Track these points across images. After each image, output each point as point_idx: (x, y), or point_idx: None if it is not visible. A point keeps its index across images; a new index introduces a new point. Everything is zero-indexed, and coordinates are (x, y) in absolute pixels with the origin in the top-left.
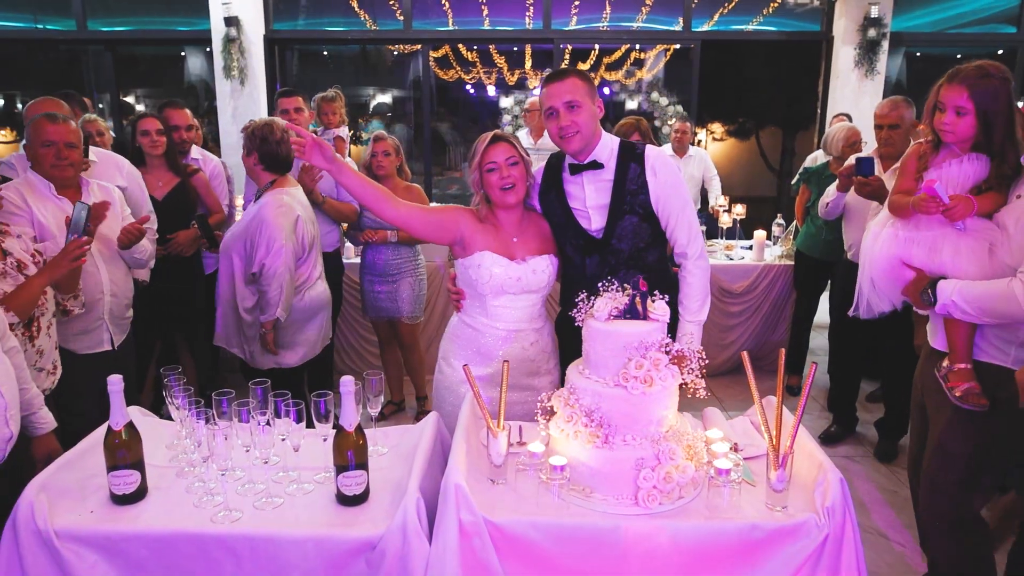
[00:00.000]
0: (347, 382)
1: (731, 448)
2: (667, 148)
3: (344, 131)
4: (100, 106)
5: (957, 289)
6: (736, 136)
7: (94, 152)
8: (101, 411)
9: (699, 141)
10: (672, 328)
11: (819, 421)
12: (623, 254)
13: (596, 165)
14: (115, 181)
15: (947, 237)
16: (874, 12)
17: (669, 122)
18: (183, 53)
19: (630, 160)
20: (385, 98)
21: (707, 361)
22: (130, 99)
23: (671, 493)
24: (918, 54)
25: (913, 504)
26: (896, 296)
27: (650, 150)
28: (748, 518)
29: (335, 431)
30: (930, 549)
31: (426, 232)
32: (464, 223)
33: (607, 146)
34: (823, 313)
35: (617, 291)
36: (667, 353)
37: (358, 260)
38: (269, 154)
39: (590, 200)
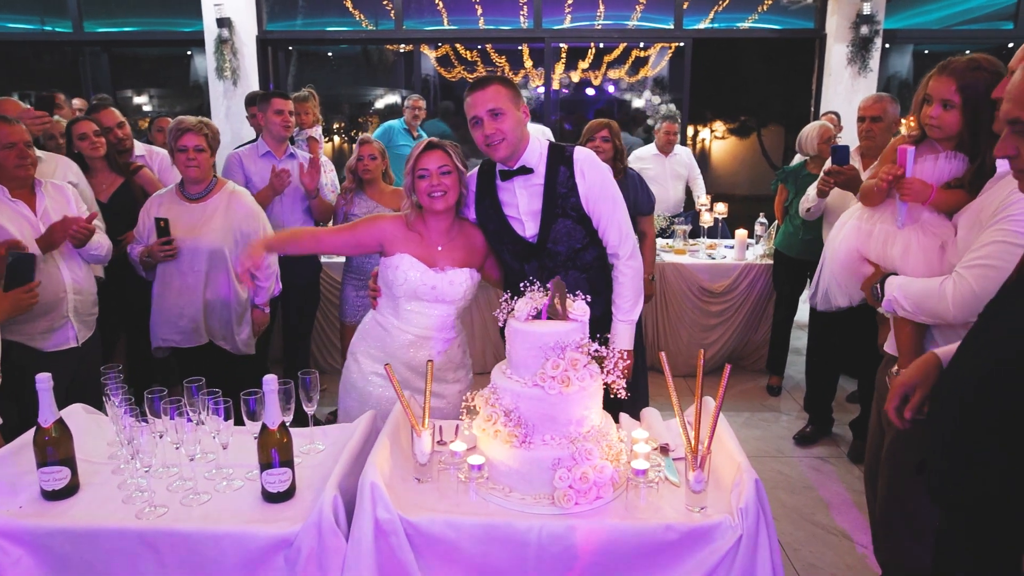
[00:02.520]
0: (269, 381)
1: (660, 448)
2: (651, 147)
3: (317, 131)
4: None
5: (899, 285)
6: (737, 134)
7: (41, 154)
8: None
9: (702, 140)
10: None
11: (796, 422)
12: (560, 256)
13: (526, 170)
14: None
15: (900, 233)
16: (866, 9)
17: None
18: (189, 53)
19: (559, 163)
20: (394, 98)
21: (628, 362)
22: (142, 99)
23: (588, 493)
24: (926, 51)
25: (868, 509)
26: (854, 291)
27: (578, 152)
28: (664, 519)
29: (260, 429)
30: (881, 556)
31: (347, 252)
32: (386, 231)
33: (535, 150)
34: (805, 312)
35: (539, 291)
36: (587, 354)
37: (332, 259)
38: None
39: (523, 206)
